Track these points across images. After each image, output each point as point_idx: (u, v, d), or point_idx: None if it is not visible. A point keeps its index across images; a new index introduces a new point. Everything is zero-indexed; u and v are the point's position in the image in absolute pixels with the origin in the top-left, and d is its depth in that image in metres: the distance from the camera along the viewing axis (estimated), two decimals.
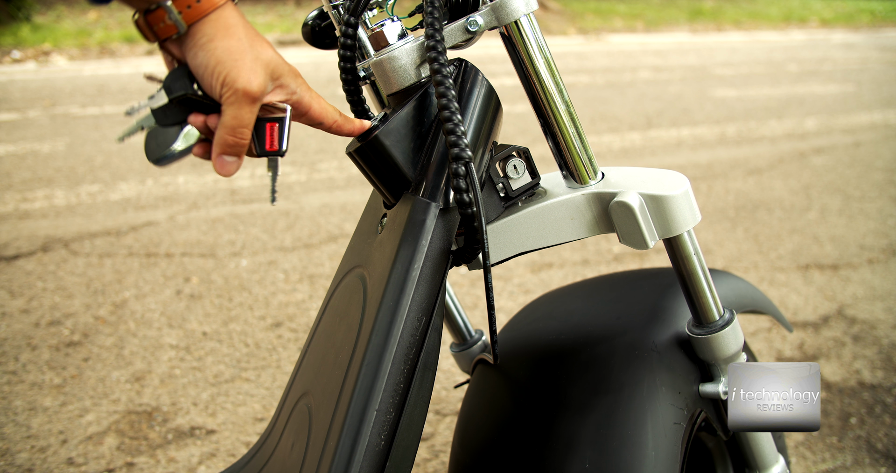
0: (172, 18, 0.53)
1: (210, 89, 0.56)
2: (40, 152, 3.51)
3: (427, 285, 0.59)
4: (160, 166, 0.61)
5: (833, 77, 6.20)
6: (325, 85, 4.78)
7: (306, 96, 0.60)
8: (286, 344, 1.92)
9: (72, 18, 7.61)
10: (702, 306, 0.73)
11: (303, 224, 2.72)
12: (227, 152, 0.58)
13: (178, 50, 0.56)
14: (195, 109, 0.58)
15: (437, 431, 1.59)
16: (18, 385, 1.72)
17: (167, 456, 1.50)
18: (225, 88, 0.55)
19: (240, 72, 0.55)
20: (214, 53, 0.54)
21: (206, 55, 0.54)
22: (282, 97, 0.59)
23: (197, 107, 0.58)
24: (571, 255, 2.51)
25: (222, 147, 0.57)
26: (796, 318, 2.10)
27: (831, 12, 11.99)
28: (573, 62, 6.47)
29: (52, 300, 2.13)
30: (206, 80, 0.55)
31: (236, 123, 0.56)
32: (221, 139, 0.57)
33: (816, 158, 3.78)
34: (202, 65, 0.55)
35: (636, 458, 0.68)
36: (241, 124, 0.56)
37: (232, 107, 0.55)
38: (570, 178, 0.71)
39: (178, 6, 0.53)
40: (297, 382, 0.74)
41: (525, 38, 0.65)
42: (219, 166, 0.58)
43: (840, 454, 1.54)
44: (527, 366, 0.84)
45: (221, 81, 0.55)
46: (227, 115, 0.56)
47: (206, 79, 0.55)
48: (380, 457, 0.55)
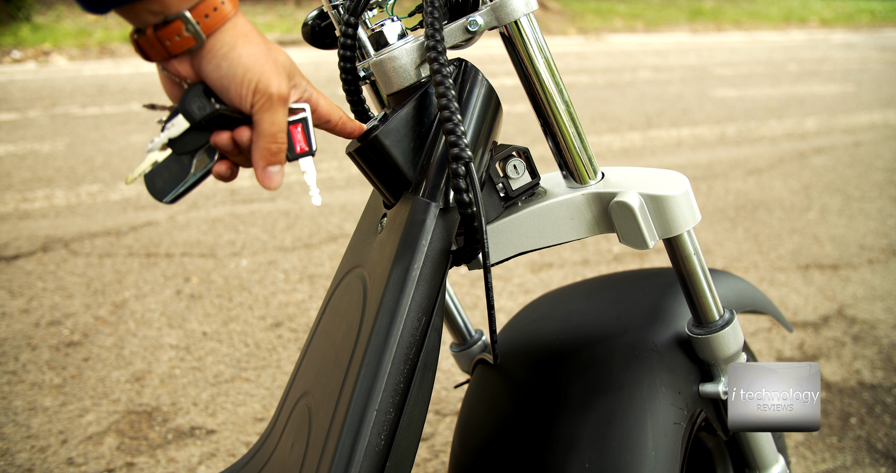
0: (191, 30, 0.50)
1: (239, 100, 0.53)
2: (40, 152, 3.51)
3: (427, 285, 0.59)
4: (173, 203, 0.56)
5: (833, 77, 6.20)
6: (325, 85, 4.78)
7: (314, 95, 0.60)
8: (286, 344, 1.92)
9: (72, 18, 7.61)
10: (702, 306, 0.73)
11: (303, 224, 2.73)
12: (272, 162, 0.55)
13: (186, 66, 0.53)
14: (218, 126, 0.55)
15: (437, 431, 1.59)
16: (18, 385, 1.72)
17: (167, 456, 1.50)
18: (258, 96, 0.53)
19: (270, 76, 0.53)
20: (240, 61, 0.52)
21: (230, 64, 0.52)
22: (295, 97, 0.58)
23: (220, 124, 0.55)
24: (571, 255, 2.51)
25: (266, 158, 0.55)
26: (796, 318, 2.10)
27: (831, 12, 11.99)
28: (573, 62, 6.47)
29: (52, 300, 2.13)
30: (234, 90, 0.53)
31: (276, 129, 0.54)
32: (264, 150, 0.55)
33: (816, 158, 3.78)
34: (227, 75, 0.52)
35: (636, 458, 0.68)
36: (280, 129, 0.55)
37: (268, 113, 0.54)
38: (570, 178, 0.71)
39: (196, 16, 0.50)
40: (297, 382, 0.74)
41: (525, 38, 0.65)
42: (267, 180, 0.55)
43: (840, 454, 1.54)
44: (527, 366, 0.84)
45: (253, 89, 0.53)
46: (264, 122, 0.54)
47: (232, 89, 0.53)
48: (380, 457, 0.55)
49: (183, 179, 0.56)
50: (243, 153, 0.57)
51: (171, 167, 0.56)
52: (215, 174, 0.57)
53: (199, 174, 0.56)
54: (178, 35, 0.51)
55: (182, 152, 0.55)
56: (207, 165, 0.56)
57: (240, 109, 0.54)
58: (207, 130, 0.55)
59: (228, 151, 0.56)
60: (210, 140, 0.55)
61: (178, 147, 0.55)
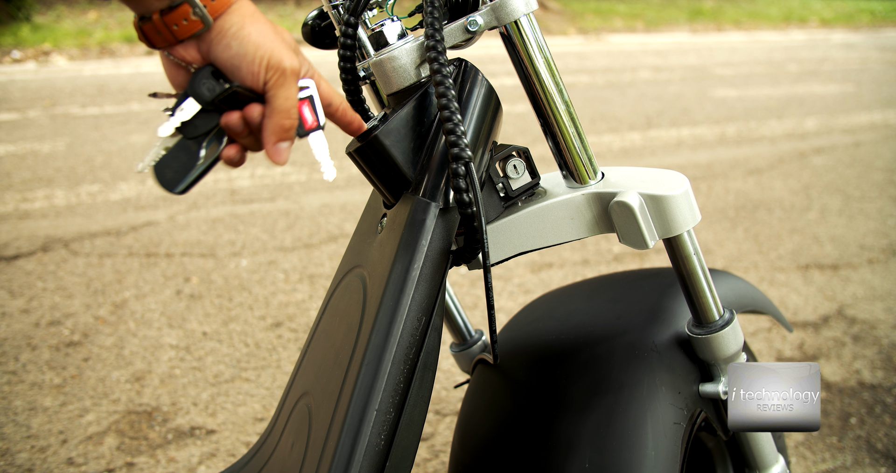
0: (198, 13, 0.51)
1: (252, 77, 0.54)
2: (40, 152, 3.51)
3: (427, 285, 0.59)
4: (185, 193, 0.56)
5: (833, 77, 6.20)
6: None
7: (316, 74, 0.60)
8: (286, 344, 1.92)
9: (72, 18, 7.61)
10: (702, 306, 0.73)
11: (303, 224, 2.73)
12: (283, 137, 0.56)
13: (192, 51, 0.54)
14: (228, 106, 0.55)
15: (437, 431, 1.59)
16: (18, 385, 1.72)
17: (167, 456, 1.50)
18: (271, 71, 0.53)
19: (282, 51, 0.54)
20: (251, 39, 0.53)
21: (240, 43, 0.53)
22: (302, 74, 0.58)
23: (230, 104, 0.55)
24: (571, 255, 2.51)
25: (278, 133, 0.55)
26: (796, 318, 2.10)
27: (831, 12, 11.99)
28: (573, 62, 6.47)
29: (52, 300, 2.13)
30: (246, 67, 0.53)
31: (290, 104, 0.55)
32: (277, 125, 0.55)
33: (816, 158, 3.78)
34: (238, 54, 0.53)
35: (636, 458, 0.68)
36: (294, 104, 0.55)
37: (282, 88, 0.54)
38: (570, 178, 0.71)
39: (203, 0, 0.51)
40: (297, 382, 0.74)
41: (525, 38, 0.65)
42: (276, 155, 0.56)
43: (840, 454, 1.54)
44: (527, 366, 0.84)
45: (266, 65, 0.53)
46: (279, 98, 0.54)
47: (244, 67, 0.53)
48: (380, 457, 0.55)
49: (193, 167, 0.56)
50: (254, 133, 0.57)
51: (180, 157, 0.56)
52: (225, 159, 0.57)
53: (209, 161, 0.56)
54: (185, 19, 0.51)
55: (192, 136, 0.55)
56: (216, 151, 0.56)
57: (252, 87, 0.55)
58: (217, 112, 0.55)
59: (238, 133, 0.56)
60: (220, 121, 0.56)
61: (188, 131, 0.55)
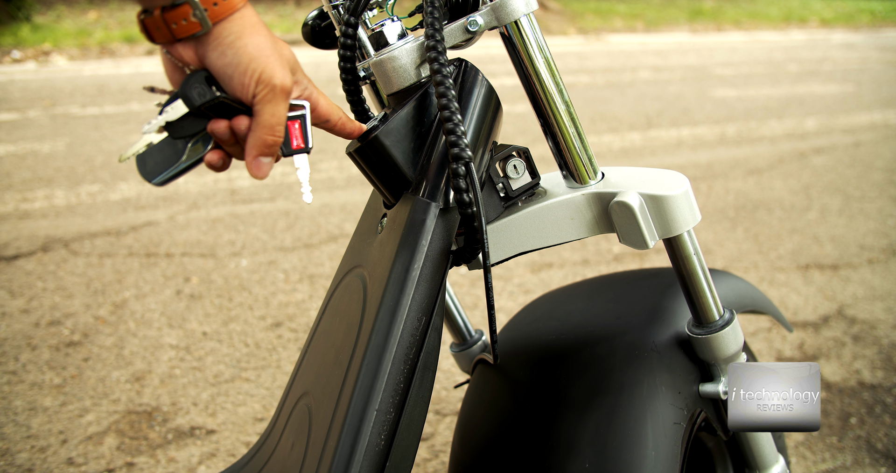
0: (198, 15, 0.51)
1: (242, 89, 0.54)
2: (40, 152, 3.51)
3: (427, 285, 0.59)
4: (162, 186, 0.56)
5: (833, 77, 6.20)
6: (325, 85, 4.78)
7: (315, 93, 0.60)
8: (286, 344, 1.92)
9: (72, 18, 7.61)
10: (702, 306, 0.73)
11: (303, 224, 2.73)
12: (265, 153, 0.56)
13: (190, 52, 0.54)
14: (217, 114, 0.55)
15: (437, 431, 1.59)
16: (18, 385, 1.72)
17: (167, 456, 1.50)
18: (261, 86, 0.53)
19: (274, 68, 0.53)
20: (246, 51, 0.53)
21: (235, 53, 0.53)
22: (296, 94, 0.58)
23: (219, 112, 0.55)
24: (571, 255, 2.51)
25: (260, 148, 0.55)
26: (796, 318, 2.10)
27: (831, 12, 11.99)
28: (573, 62, 6.47)
29: (52, 300, 2.13)
30: (238, 79, 0.53)
31: (276, 121, 0.55)
32: (260, 140, 0.55)
33: (816, 158, 3.78)
34: (232, 64, 0.53)
35: (636, 458, 0.68)
36: (280, 122, 0.55)
37: (269, 104, 0.54)
38: (570, 178, 0.71)
39: (205, 3, 0.51)
40: (297, 382, 0.74)
41: (525, 38, 0.65)
42: (255, 169, 0.56)
43: (840, 454, 1.54)
44: (527, 366, 0.84)
45: (257, 79, 0.53)
46: (265, 113, 0.54)
47: (236, 78, 0.53)
48: (380, 457, 0.55)
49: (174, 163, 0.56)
50: (239, 143, 0.57)
51: (165, 151, 0.56)
52: (207, 164, 0.57)
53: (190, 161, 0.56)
54: (184, 19, 0.51)
55: (178, 137, 0.55)
56: (200, 152, 0.57)
57: (241, 98, 0.54)
58: (205, 117, 0.55)
59: (224, 140, 0.56)
60: (207, 127, 0.56)
61: (174, 131, 0.55)
